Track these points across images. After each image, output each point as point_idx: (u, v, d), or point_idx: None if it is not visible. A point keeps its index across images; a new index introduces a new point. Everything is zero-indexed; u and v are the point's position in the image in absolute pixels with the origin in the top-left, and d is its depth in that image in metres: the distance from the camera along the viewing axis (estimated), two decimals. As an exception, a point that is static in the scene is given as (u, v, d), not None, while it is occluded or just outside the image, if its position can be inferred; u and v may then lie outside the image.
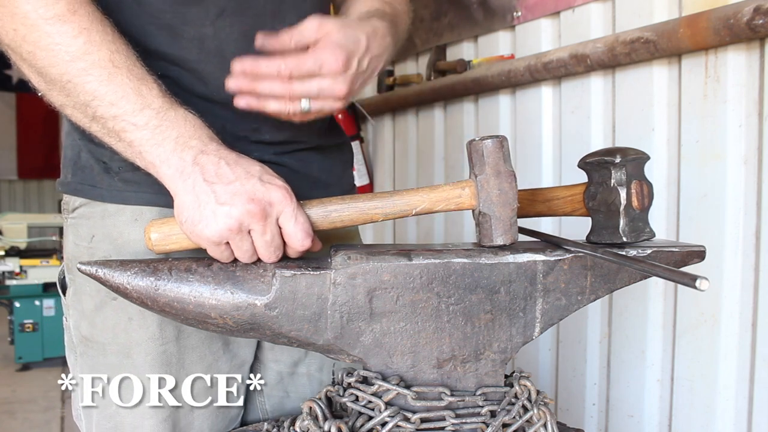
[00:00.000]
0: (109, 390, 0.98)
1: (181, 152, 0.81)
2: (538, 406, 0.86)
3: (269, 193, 0.80)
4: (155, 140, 0.81)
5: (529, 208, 0.97)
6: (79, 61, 0.80)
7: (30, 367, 4.54)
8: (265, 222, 0.80)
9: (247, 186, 0.80)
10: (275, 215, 0.81)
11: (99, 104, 0.81)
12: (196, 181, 0.80)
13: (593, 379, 1.80)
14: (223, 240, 0.80)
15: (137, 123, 0.81)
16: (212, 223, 0.79)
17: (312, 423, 0.84)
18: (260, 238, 0.81)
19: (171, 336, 0.98)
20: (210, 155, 0.81)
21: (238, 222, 0.79)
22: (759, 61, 1.35)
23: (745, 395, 1.43)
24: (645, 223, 0.87)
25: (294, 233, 0.81)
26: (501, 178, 0.84)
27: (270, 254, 0.82)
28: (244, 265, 0.83)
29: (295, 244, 0.82)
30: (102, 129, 0.84)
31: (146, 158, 0.82)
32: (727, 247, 1.41)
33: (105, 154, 0.96)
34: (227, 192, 0.79)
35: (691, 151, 1.49)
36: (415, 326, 0.84)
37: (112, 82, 0.81)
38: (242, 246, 0.81)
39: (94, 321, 0.99)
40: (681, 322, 1.55)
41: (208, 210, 0.79)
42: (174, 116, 0.82)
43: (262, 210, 0.79)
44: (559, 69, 1.74)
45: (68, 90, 0.82)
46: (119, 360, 0.97)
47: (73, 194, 1.01)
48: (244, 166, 0.82)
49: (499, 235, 0.84)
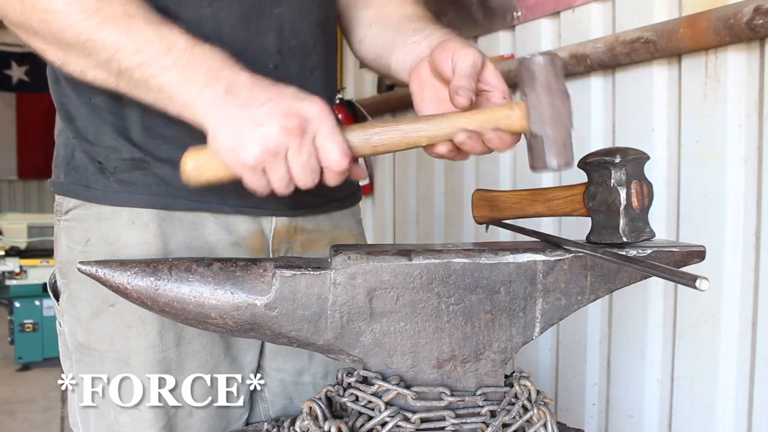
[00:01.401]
0: (109, 391, 0.97)
1: (213, 86, 0.78)
2: (538, 406, 0.86)
3: (305, 108, 0.77)
4: (185, 78, 0.79)
5: (529, 208, 0.97)
6: (93, 17, 0.79)
7: (30, 367, 4.54)
8: (301, 139, 0.76)
9: (281, 104, 0.77)
10: (312, 132, 0.77)
11: (123, 55, 0.79)
12: (229, 108, 0.77)
13: (593, 379, 1.80)
14: (261, 164, 0.77)
15: (165, 65, 0.78)
16: (249, 145, 0.76)
17: (312, 423, 0.84)
18: (296, 159, 0.77)
19: (171, 342, 0.96)
20: (242, 83, 0.79)
21: (275, 141, 0.76)
22: (759, 61, 1.35)
23: (745, 395, 1.43)
24: (645, 223, 0.87)
25: (331, 151, 0.77)
26: (554, 96, 0.78)
27: (306, 177, 0.78)
28: (244, 264, 0.83)
29: (332, 163, 0.78)
30: (129, 83, 0.81)
31: (179, 100, 0.79)
32: (727, 247, 1.41)
33: (100, 154, 0.94)
34: (261, 113, 0.76)
35: (691, 151, 1.49)
36: (415, 326, 0.84)
37: (131, 30, 0.79)
38: (278, 170, 0.77)
39: (91, 328, 0.96)
40: (681, 322, 1.55)
41: (244, 133, 0.76)
42: (201, 52, 0.80)
43: (299, 126, 0.76)
44: (559, 69, 1.73)
45: (88, 49, 0.80)
46: (117, 368, 0.95)
47: (66, 195, 0.98)
48: (278, 87, 0.79)
49: (552, 157, 0.78)
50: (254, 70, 0.94)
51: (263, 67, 0.95)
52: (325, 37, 1.06)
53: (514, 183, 2.06)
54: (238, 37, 0.93)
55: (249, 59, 0.94)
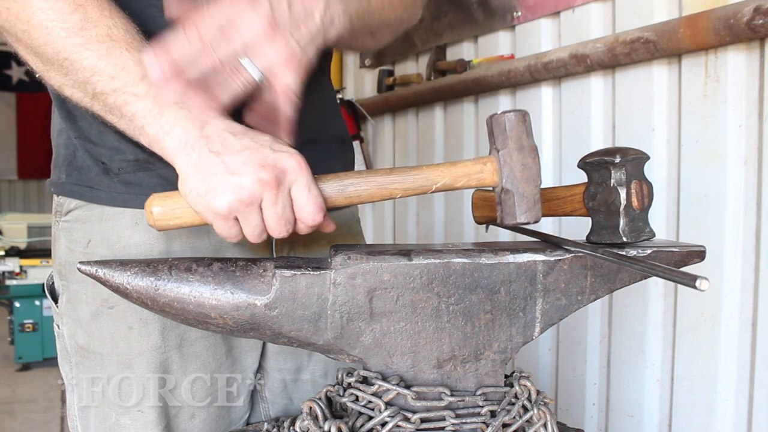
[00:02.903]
0: (110, 393, 0.97)
1: (184, 122, 0.76)
2: (538, 406, 0.86)
3: (282, 160, 0.75)
4: (157, 109, 0.77)
5: (529, 208, 0.97)
6: (75, 36, 0.77)
7: (30, 367, 4.55)
8: (277, 191, 0.74)
9: (257, 154, 0.74)
10: (288, 185, 0.76)
11: (99, 79, 0.78)
12: (202, 153, 0.75)
13: (593, 379, 1.80)
14: (233, 213, 0.75)
15: (138, 93, 0.77)
16: (221, 193, 0.74)
17: (312, 423, 0.84)
18: (271, 210, 0.75)
19: (174, 344, 0.96)
20: (215, 127, 0.76)
21: (249, 192, 0.73)
22: (759, 61, 1.36)
23: (745, 395, 1.43)
24: (645, 223, 0.87)
25: (306, 206, 0.77)
26: (524, 152, 0.80)
27: (280, 228, 0.77)
28: (244, 264, 0.83)
29: (306, 217, 0.77)
30: (103, 107, 0.80)
31: (149, 132, 0.78)
32: (727, 247, 1.41)
33: (104, 155, 0.94)
34: (236, 161, 0.74)
35: (691, 151, 1.49)
36: (415, 326, 0.84)
37: (111, 55, 0.77)
38: (252, 220, 0.76)
39: (91, 330, 0.96)
40: (681, 322, 1.55)
41: (217, 180, 0.74)
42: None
43: (275, 178, 0.74)
44: (559, 69, 1.74)
45: (66, 68, 0.79)
46: (118, 370, 0.95)
47: (68, 196, 0.97)
48: (252, 135, 0.77)
49: (522, 212, 0.80)
50: None
51: None
52: None
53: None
54: None
55: None
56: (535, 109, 1.93)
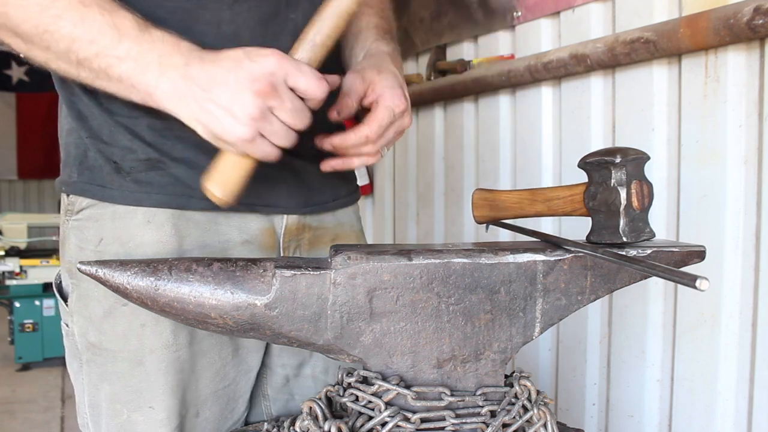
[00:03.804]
0: (120, 388, 0.97)
1: (167, 72, 0.80)
2: (538, 406, 0.86)
3: (264, 65, 0.78)
4: (140, 68, 0.80)
5: (529, 208, 0.97)
6: (50, 8, 0.80)
7: (30, 367, 4.54)
8: (278, 93, 0.78)
9: (240, 72, 0.78)
10: (282, 81, 0.79)
11: (79, 46, 0.81)
12: (195, 97, 0.79)
13: (593, 379, 1.80)
14: (255, 132, 0.79)
15: (119, 55, 0.80)
16: (236, 124, 0.78)
17: (312, 423, 0.84)
18: (283, 110, 0.80)
19: (184, 342, 0.97)
20: (194, 66, 0.80)
21: (255, 108, 0.78)
22: (759, 61, 1.35)
23: (745, 395, 1.43)
24: (645, 223, 0.87)
25: (308, 86, 0.80)
26: None
27: (301, 119, 0.81)
28: (245, 264, 0.83)
29: (315, 94, 0.81)
30: (90, 73, 0.83)
31: (140, 89, 0.81)
32: (727, 247, 1.41)
33: (116, 154, 0.94)
34: (229, 89, 0.78)
35: (691, 151, 1.49)
36: (415, 326, 0.84)
37: (85, 21, 0.80)
38: (275, 128, 0.80)
39: (103, 328, 0.96)
40: (681, 322, 1.55)
41: (226, 118, 0.78)
42: (151, 39, 0.81)
43: (269, 84, 0.78)
44: (559, 69, 1.74)
45: (47, 41, 0.81)
46: (130, 368, 0.96)
47: (80, 195, 0.98)
48: (228, 55, 0.80)
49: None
50: None
51: None
52: None
53: (514, 183, 2.07)
54: (255, 40, 0.93)
55: None
56: (535, 109, 1.93)
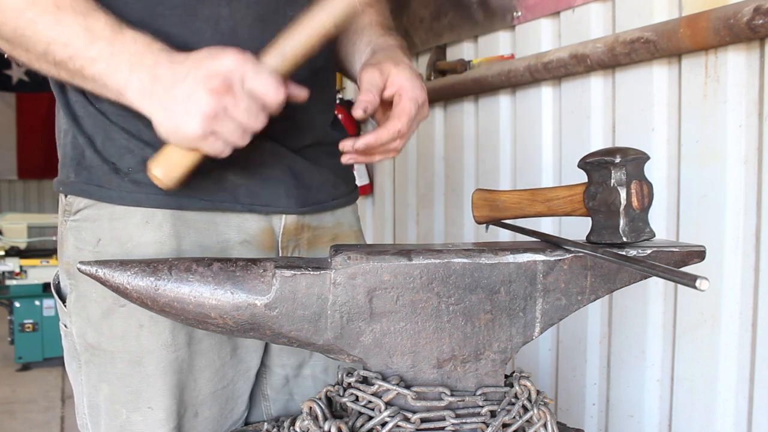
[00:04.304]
0: (119, 389, 0.97)
1: (137, 71, 0.81)
2: (538, 406, 0.86)
3: (222, 64, 0.79)
4: (112, 68, 0.82)
5: (529, 208, 0.97)
6: (26, 12, 0.82)
7: (30, 367, 4.54)
8: (232, 91, 0.79)
9: (199, 70, 0.79)
10: (239, 81, 0.80)
11: (55, 48, 0.82)
12: (158, 95, 0.80)
13: (593, 379, 1.80)
14: (207, 130, 0.80)
15: (92, 56, 0.82)
16: (188, 120, 0.79)
17: (312, 423, 0.84)
18: (237, 111, 0.80)
19: (183, 342, 0.97)
20: (162, 65, 0.81)
21: (209, 105, 0.78)
22: (759, 61, 1.35)
23: (745, 395, 1.43)
24: (645, 223, 0.87)
25: (265, 90, 0.81)
26: None
27: (254, 121, 0.82)
28: (245, 264, 0.83)
29: (270, 100, 0.82)
30: (67, 73, 0.85)
31: (112, 88, 0.83)
32: (727, 247, 1.41)
33: (113, 154, 0.94)
34: (186, 86, 0.79)
35: (691, 151, 1.49)
36: (415, 326, 0.84)
37: (59, 24, 0.82)
38: (227, 127, 0.80)
39: (101, 328, 0.96)
40: (681, 322, 1.55)
41: (179, 110, 0.79)
42: (123, 40, 0.83)
43: (223, 82, 0.79)
44: (559, 69, 1.74)
45: (26, 43, 0.83)
46: (129, 368, 0.96)
47: (78, 195, 0.97)
48: (192, 56, 0.82)
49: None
50: None
51: None
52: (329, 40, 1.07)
53: (514, 183, 2.07)
54: (253, 37, 0.93)
55: None
56: (535, 109, 1.93)
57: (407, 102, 0.94)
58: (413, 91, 0.95)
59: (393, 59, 0.98)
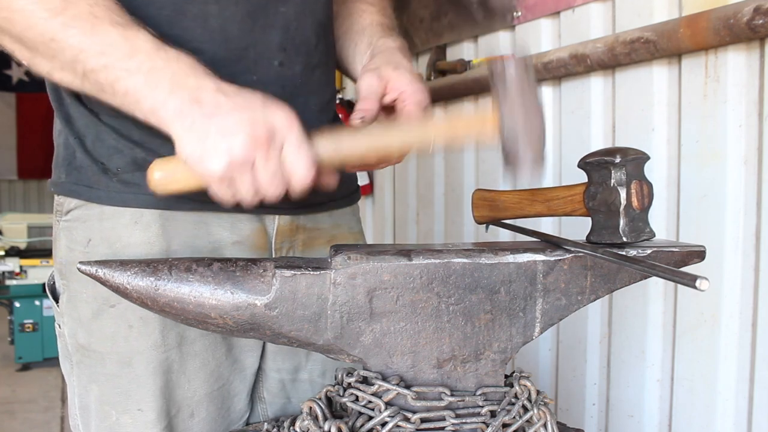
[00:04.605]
0: (110, 392, 0.96)
1: (178, 92, 0.77)
2: (538, 406, 0.86)
3: (272, 117, 0.76)
4: (150, 84, 0.77)
5: (529, 208, 0.97)
6: (58, 17, 0.78)
7: (30, 367, 4.55)
8: (268, 148, 0.75)
9: (247, 113, 0.76)
10: (279, 141, 0.77)
11: (87, 56, 0.78)
12: (195, 117, 0.76)
13: (593, 379, 1.80)
14: (228, 174, 0.76)
15: (129, 68, 0.77)
16: (216, 156, 0.75)
17: (312, 423, 0.84)
18: (263, 169, 0.76)
19: (173, 343, 0.96)
20: (208, 90, 0.77)
21: (242, 150, 0.75)
22: (759, 61, 1.35)
23: (745, 395, 1.43)
24: (645, 223, 0.87)
25: (298, 164, 0.77)
26: (526, 97, 0.76)
27: (273, 188, 0.78)
28: (244, 264, 0.83)
29: (298, 177, 0.78)
30: (95, 85, 0.80)
31: (144, 105, 0.79)
32: (727, 247, 1.41)
33: (103, 155, 0.94)
34: (228, 123, 0.75)
35: (691, 151, 1.49)
36: (415, 326, 0.84)
37: (96, 32, 0.78)
38: (245, 180, 0.77)
39: (92, 329, 0.96)
40: (681, 322, 1.55)
41: (210, 143, 0.75)
42: (166, 56, 0.79)
43: (266, 136, 0.75)
44: (559, 69, 1.74)
45: (53, 50, 0.79)
46: (119, 369, 0.95)
47: (68, 195, 0.97)
48: (244, 95, 0.78)
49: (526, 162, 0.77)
50: (259, 67, 0.95)
51: (268, 65, 0.96)
52: (326, 36, 1.06)
53: (514, 183, 2.06)
54: (244, 34, 0.93)
55: (254, 56, 0.94)
56: (535, 109, 1.92)
57: (412, 107, 0.93)
58: (416, 95, 0.94)
59: (392, 63, 0.97)
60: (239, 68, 0.94)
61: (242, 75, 0.94)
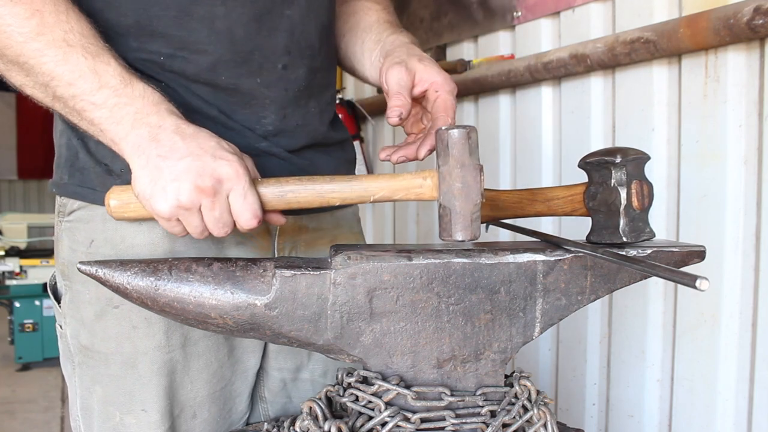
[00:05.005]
0: (113, 390, 0.96)
1: (138, 129, 0.81)
2: (538, 406, 0.86)
3: (220, 168, 0.80)
4: (114, 118, 0.81)
5: (529, 208, 0.97)
6: (32, 42, 0.80)
7: (30, 367, 4.55)
8: (213, 198, 0.80)
9: (197, 162, 0.79)
10: (225, 192, 0.80)
11: (57, 84, 0.81)
12: (150, 156, 0.80)
13: (593, 379, 1.80)
14: (174, 216, 0.80)
15: (96, 102, 0.81)
16: (162, 199, 0.79)
17: (312, 423, 0.84)
18: (209, 214, 0.81)
19: (177, 344, 0.96)
20: (167, 130, 0.81)
21: (187, 198, 0.79)
22: (759, 61, 1.35)
23: (745, 395, 1.43)
24: (645, 223, 0.87)
25: (241, 212, 0.81)
26: (465, 170, 0.80)
27: (219, 230, 0.82)
28: (244, 264, 0.83)
29: (242, 222, 0.82)
30: (64, 108, 0.84)
31: (107, 136, 0.83)
32: (727, 247, 1.41)
33: (106, 156, 0.94)
34: (178, 168, 0.79)
35: (691, 151, 1.49)
36: (415, 326, 0.84)
37: (67, 62, 0.80)
38: (192, 222, 0.81)
39: (95, 330, 0.96)
40: (681, 322, 1.55)
41: (159, 186, 0.79)
42: (131, 93, 0.82)
43: (212, 186, 0.79)
44: (559, 69, 1.74)
45: (27, 70, 0.82)
46: (123, 370, 0.95)
47: (71, 197, 0.98)
48: (200, 140, 0.81)
49: (458, 230, 0.80)
50: (263, 70, 0.95)
51: (272, 68, 0.96)
52: (329, 39, 1.07)
53: (514, 183, 2.07)
54: (249, 37, 0.93)
55: (259, 59, 0.94)
56: (535, 109, 1.93)
57: (447, 96, 0.95)
58: (447, 84, 0.96)
59: (415, 55, 0.98)
60: (243, 71, 0.94)
61: (246, 78, 0.94)
